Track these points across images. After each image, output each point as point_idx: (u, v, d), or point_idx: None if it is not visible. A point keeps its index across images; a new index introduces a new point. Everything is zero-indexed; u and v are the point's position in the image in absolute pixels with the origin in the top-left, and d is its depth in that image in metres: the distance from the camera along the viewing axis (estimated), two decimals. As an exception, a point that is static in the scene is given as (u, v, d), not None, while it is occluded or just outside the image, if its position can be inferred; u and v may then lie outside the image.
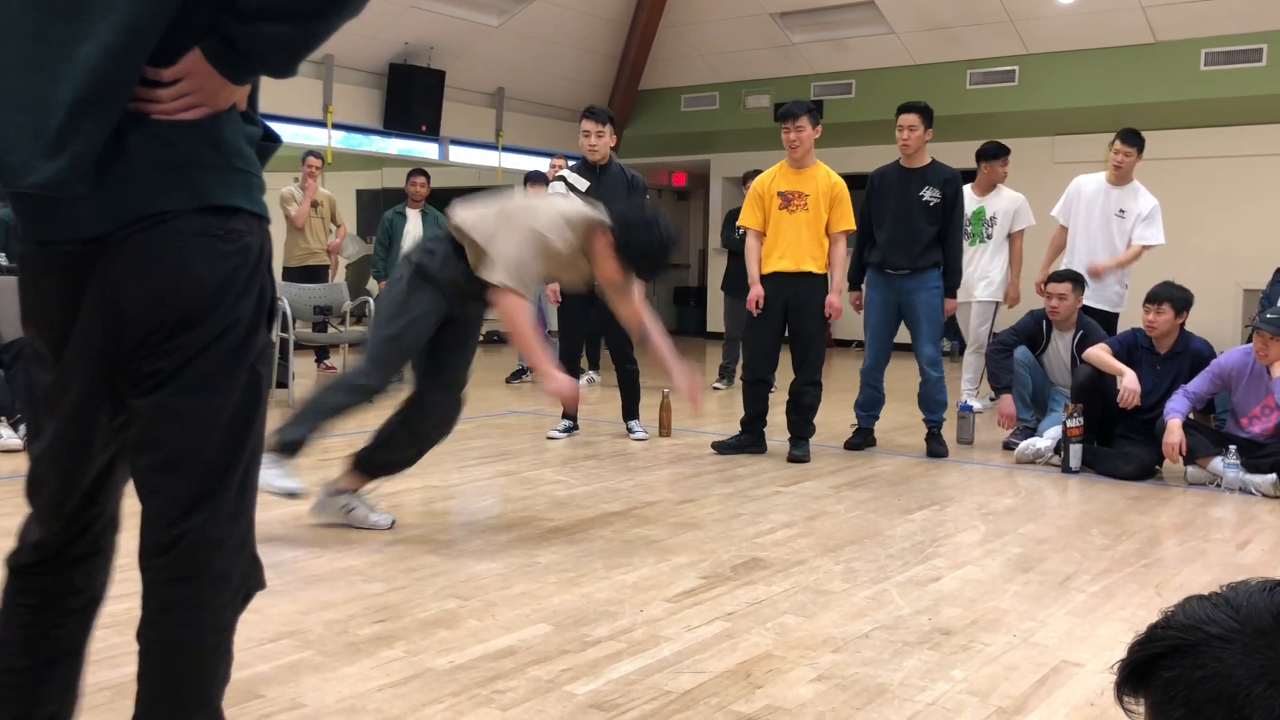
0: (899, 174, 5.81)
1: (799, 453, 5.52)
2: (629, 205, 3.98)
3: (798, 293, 5.48)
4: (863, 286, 5.96)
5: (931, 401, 5.78)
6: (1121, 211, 6.23)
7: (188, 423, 1.58)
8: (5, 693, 1.70)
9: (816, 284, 5.50)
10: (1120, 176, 6.25)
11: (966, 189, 7.13)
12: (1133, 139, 6.23)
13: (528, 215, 3.78)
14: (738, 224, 5.96)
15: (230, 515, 1.63)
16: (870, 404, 5.97)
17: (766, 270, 5.54)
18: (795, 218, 5.47)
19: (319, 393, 3.94)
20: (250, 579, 1.71)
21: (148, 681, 1.64)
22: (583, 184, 6.04)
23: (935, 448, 5.73)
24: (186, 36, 1.48)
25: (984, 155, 7.22)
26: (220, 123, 1.55)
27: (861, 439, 5.96)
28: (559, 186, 6.09)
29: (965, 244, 7.19)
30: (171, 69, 1.48)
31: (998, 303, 7.36)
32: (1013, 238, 7.28)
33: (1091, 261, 6.26)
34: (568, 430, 6.15)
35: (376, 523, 3.94)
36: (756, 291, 5.54)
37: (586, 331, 6.30)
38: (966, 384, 7.35)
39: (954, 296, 5.90)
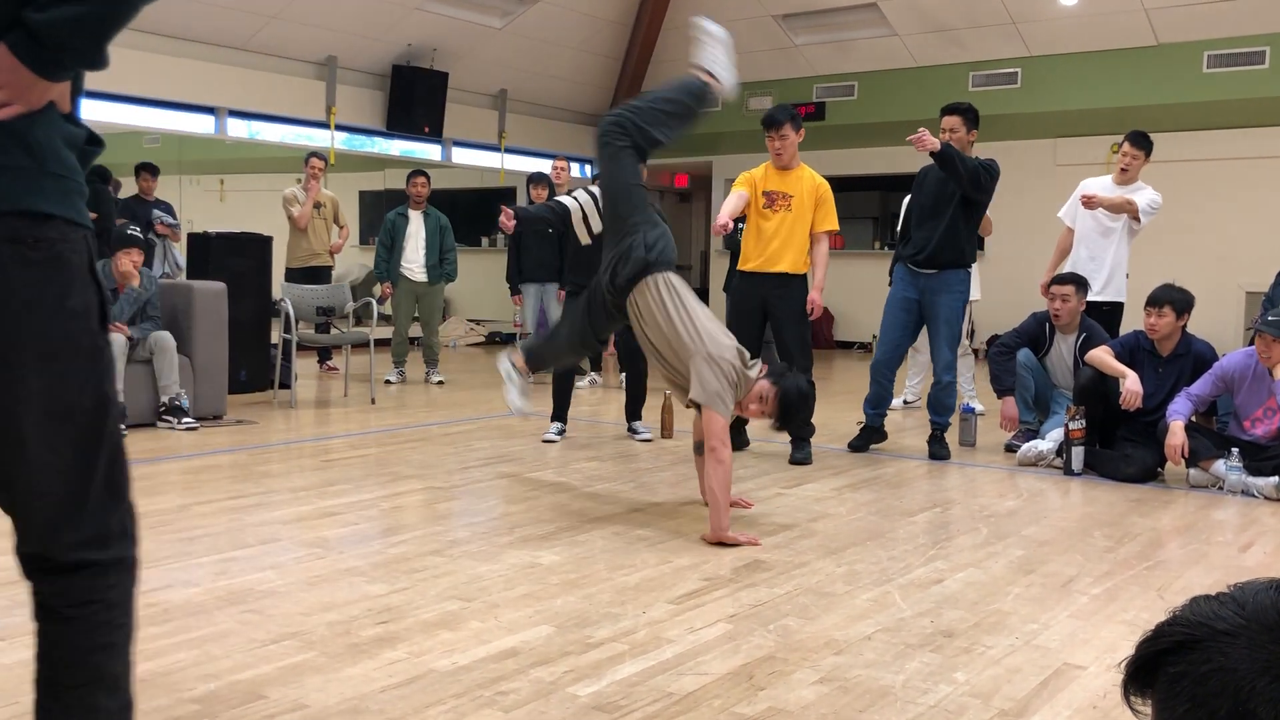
0: (939, 170, 5.73)
1: (800, 455, 5.51)
2: (799, 379, 4.19)
3: (774, 293, 5.52)
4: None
5: (940, 405, 5.77)
6: None
7: (28, 446, 1.53)
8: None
9: (794, 284, 5.52)
10: (1126, 179, 6.22)
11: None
12: (1141, 141, 6.19)
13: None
14: (734, 186, 5.93)
15: (103, 513, 1.62)
16: (879, 401, 5.93)
17: (745, 268, 5.60)
18: (776, 218, 5.52)
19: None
20: (132, 558, 1.68)
21: (45, 666, 1.63)
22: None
23: (938, 450, 5.72)
24: None
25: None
26: (32, 123, 1.47)
27: (866, 439, 5.93)
28: (584, 197, 5.91)
29: None
30: None
31: (972, 302, 7.37)
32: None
33: (1085, 196, 6.14)
34: (560, 433, 6.15)
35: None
36: (723, 220, 5.36)
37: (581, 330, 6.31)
38: (965, 384, 7.35)
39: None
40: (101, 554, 1.62)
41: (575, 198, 5.94)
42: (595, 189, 6.07)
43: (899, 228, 5.96)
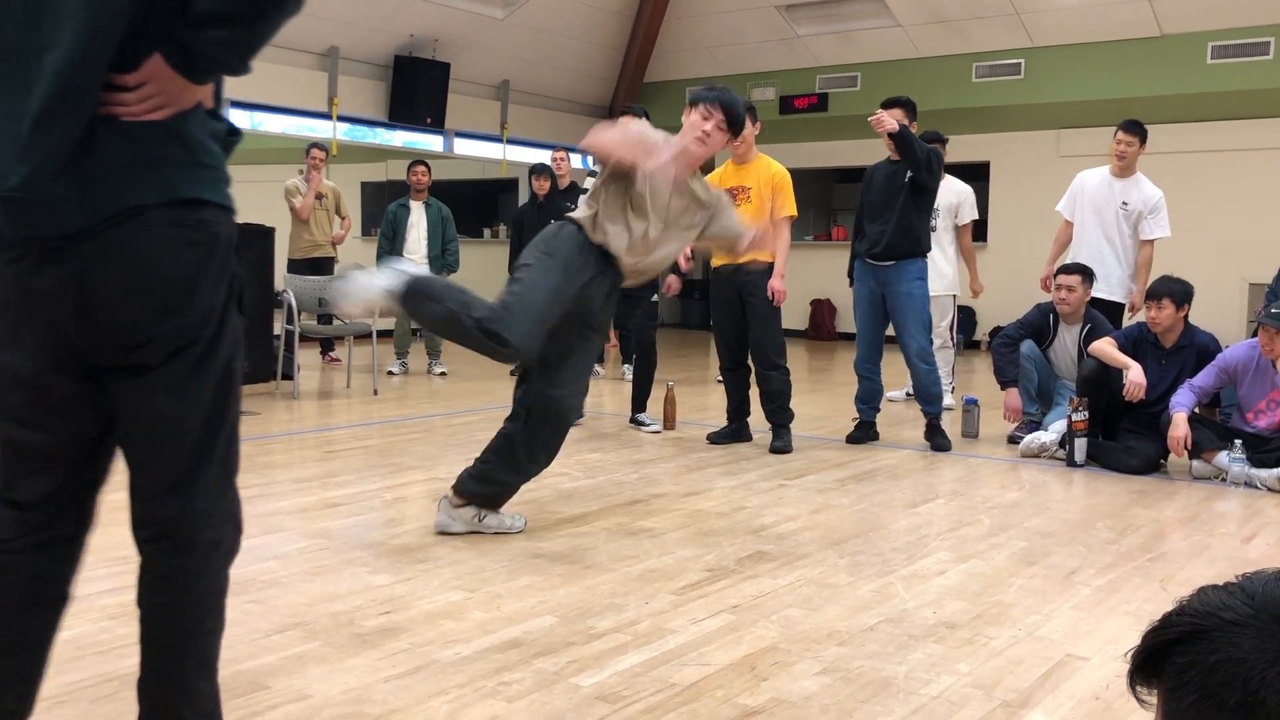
0: (886, 166, 5.89)
1: (780, 443, 5.55)
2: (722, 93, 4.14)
3: (747, 281, 5.56)
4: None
5: (926, 394, 5.79)
6: (1125, 204, 6.19)
7: (170, 408, 1.68)
8: None
9: (763, 272, 5.56)
10: (1123, 168, 6.20)
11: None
12: (1135, 129, 6.18)
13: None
14: None
15: (216, 489, 1.75)
16: (869, 396, 5.97)
17: (717, 264, 5.69)
18: (740, 210, 5.55)
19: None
20: (235, 544, 1.82)
21: (151, 645, 1.75)
22: None
23: (938, 440, 5.72)
24: (147, 43, 1.57)
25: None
26: (185, 121, 1.64)
27: (863, 432, 5.96)
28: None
29: None
30: (135, 74, 1.58)
31: (955, 295, 7.37)
32: (959, 231, 7.23)
33: (1132, 305, 6.22)
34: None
35: (510, 526, 3.82)
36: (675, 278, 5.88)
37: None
38: (942, 379, 7.35)
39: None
40: (212, 532, 1.75)
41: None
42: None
43: (854, 226, 6.06)
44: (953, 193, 7.26)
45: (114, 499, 1.83)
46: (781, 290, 5.60)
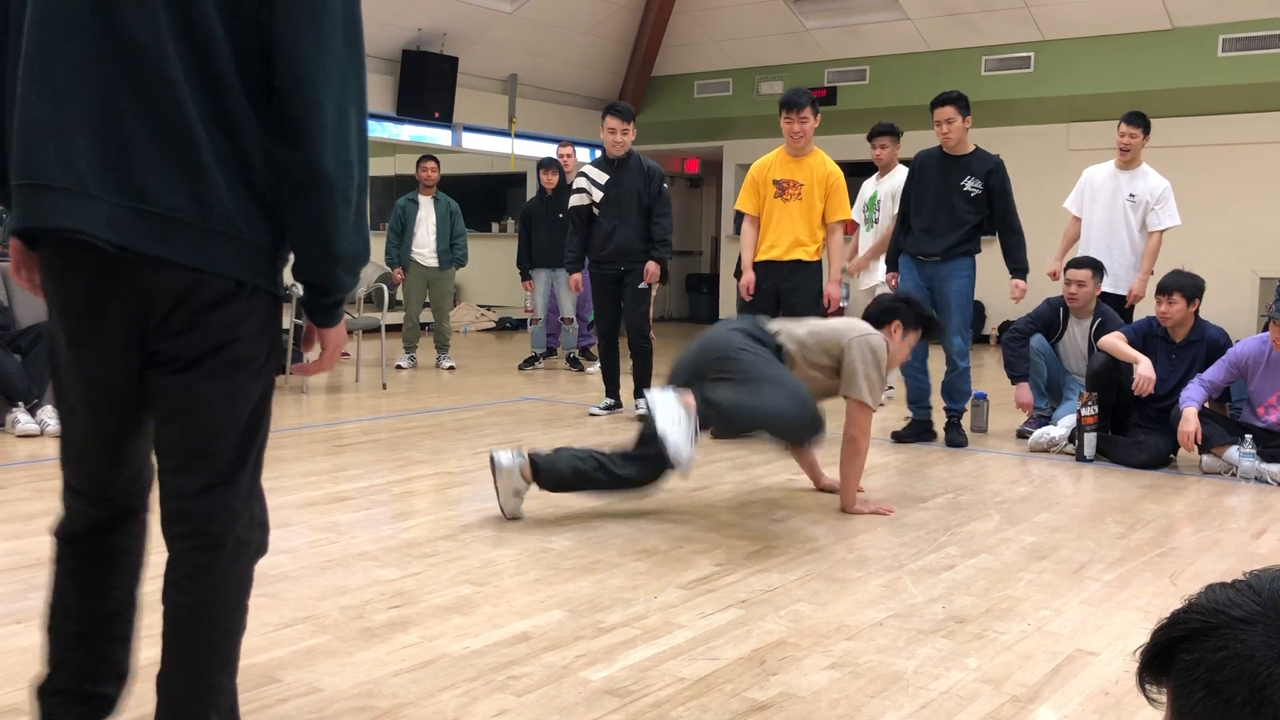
0: (939, 160, 5.74)
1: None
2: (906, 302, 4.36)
3: (788, 280, 5.52)
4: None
5: (955, 391, 5.75)
6: (1132, 196, 6.17)
7: (212, 406, 1.71)
8: (71, 652, 1.85)
9: (808, 271, 5.52)
10: (1128, 160, 6.19)
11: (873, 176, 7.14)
12: (1137, 120, 6.17)
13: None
14: (735, 207, 6.00)
15: (246, 492, 1.79)
16: (918, 396, 5.85)
17: (759, 258, 5.59)
18: (789, 206, 5.52)
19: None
20: (262, 546, 1.87)
21: (174, 641, 1.77)
22: (602, 177, 6.26)
23: (954, 437, 5.70)
24: None
25: (872, 135, 7.11)
26: None
27: (915, 433, 5.81)
28: (581, 182, 6.34)
29: (861, 230, 7.17)
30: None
31: None
32: None
33: (1131, 293, 6.20)
34: (609, 409, 6.30)
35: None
36: (748, 277, 5.66)
37: (616, 311, 6.42)
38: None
39: (1023, 279, 5.79)
40: (243, 533, 1.79)
41: (578, 189, 6.25)
42: (584, 169, 6.31)
43: (898, 216, 5.96)
44: (900, 182, 7.22)
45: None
46: (836, 296, 5.58)
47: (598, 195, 6.24)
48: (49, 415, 5.32)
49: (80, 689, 1.85)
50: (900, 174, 6.91)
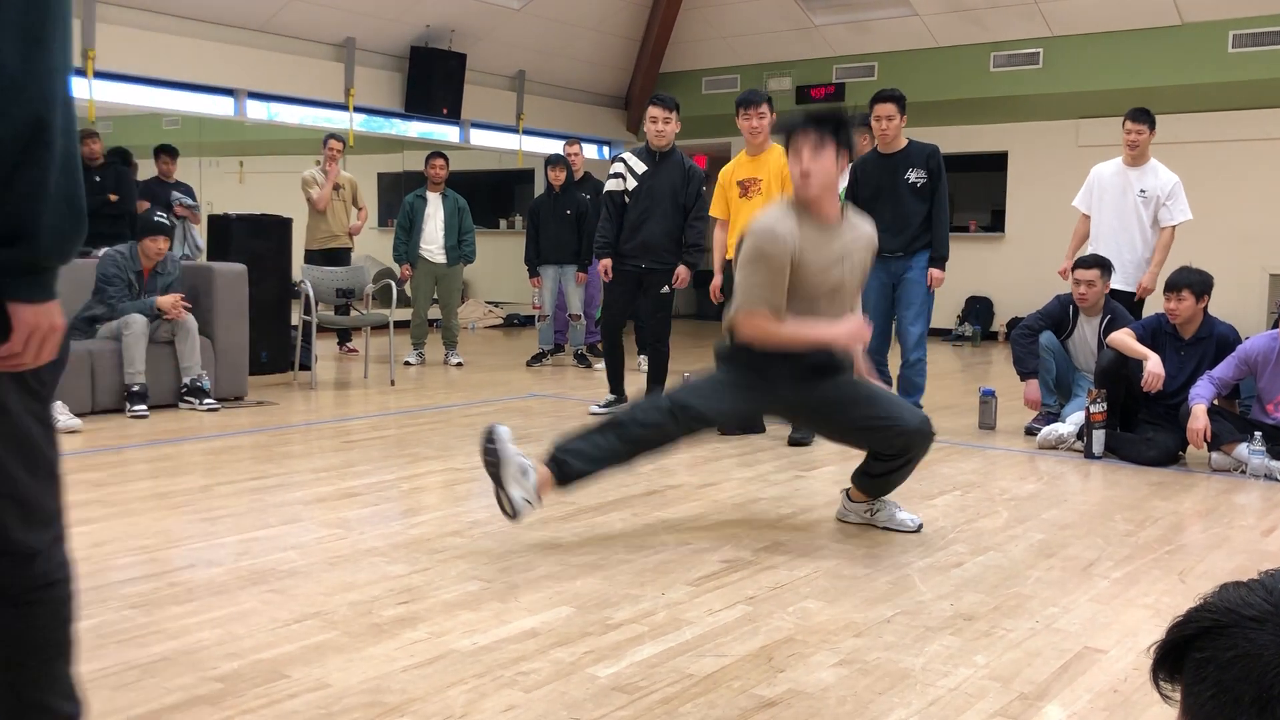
0: (879, 161, 5.92)
1: (799, 435, 5.52)
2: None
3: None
4: None
5: (910, 385, 5.83)
6: (1143, 192, 6.17)
7: None
8: None
9: None
10: (1135, 156, 6.20)
11: None
12: (1142, 116, 6.18)
13: None
14: (710, 213, 6.06)
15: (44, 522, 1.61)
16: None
17: (731, 256, 5.61)
18: (751, 204, 5.62)
19: None
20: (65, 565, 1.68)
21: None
22: (640, 167, 6.14)
23: None
24: None
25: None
26: None
27: None
28: (618, 167, 6.23)
29: None
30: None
31: None
32: None
33: (1141, 286, 6.20)
34: (609, 406, 6.26)
35: (904, 522, 3.81)
36: (717, 281, 5.70)
37: (624, 309, 6.36)
38: None
39: (941, 269, 5.94)
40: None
41: (614, 174, 6.18)
42: (625, 155, 6.24)
43: None
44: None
45: (132, 489, 1.84)
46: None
47: (632, 184, 6.11)
48: (60, 411, 5.35)
49: None
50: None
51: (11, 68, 1.42)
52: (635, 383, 6.77)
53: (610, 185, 6.24)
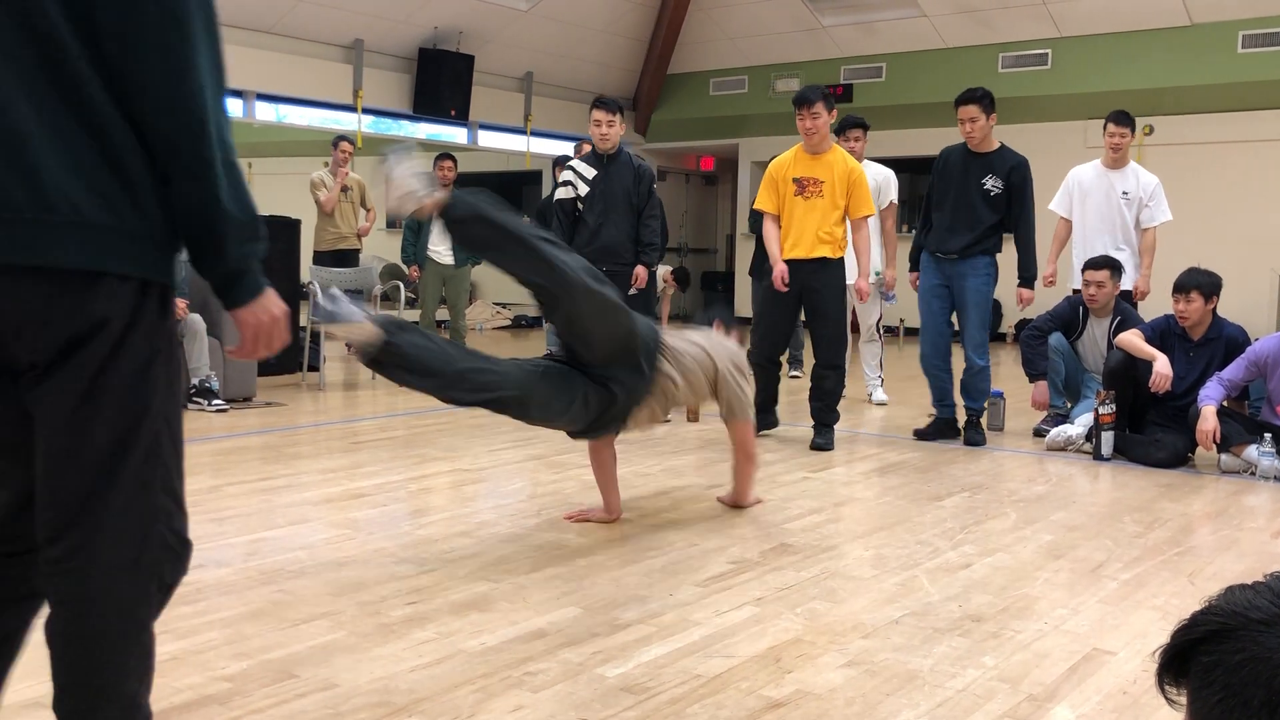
0: (963, 157, 5.72)
1: (822, 440, 5.48)
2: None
3: (813, 278, 5.45)
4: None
5: (974, 390, 5.72)
6: (1125, 194, 6.19)
7: (66, 414, 1.55)
8: None
9: (832, 269, 5.46)
10: (1118, 160, 6.22)
11: None
12: (1126, 120, 6.20)
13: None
14: (754, 206, 5.93)
15: (123, 508, 1.59)
16: (941, 394, 5.85)
17: (782, 257, 5.53)
18: (809, 204, 5.45)
19: None
20: (163, 568, 1.66)
21: (56, 677, 1.62)
22: (590, 172, 6.07)
23: (973, 435, 5.68)
24: None
25: (839, 128, 6.91)
26: None
27: (937, 431, 5.81)
28: (567, 175, 6.15)
29: None
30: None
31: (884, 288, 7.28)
32: (882, 214, 6.91)
33: (1137, 290, 6.16)
34: None
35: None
36: (780, 269, 5.47)
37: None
38: (870, 372, 7.27)
39: (1029, 288, 5.77)
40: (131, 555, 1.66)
41: (563, 181, 6.12)
42: (572, 162, 6.19)
43: (921, 214, 5.97)
44: (871, 177, 7.17)
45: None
46: (866, 289, 5.56)
47: (584, 189, 6.03)
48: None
49: None
50: (872, 169, 6.88)
51: (157, 89, 1.49)
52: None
53: (560, 194, 6.14)
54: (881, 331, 7.44)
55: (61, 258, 1.48)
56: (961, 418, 5.82)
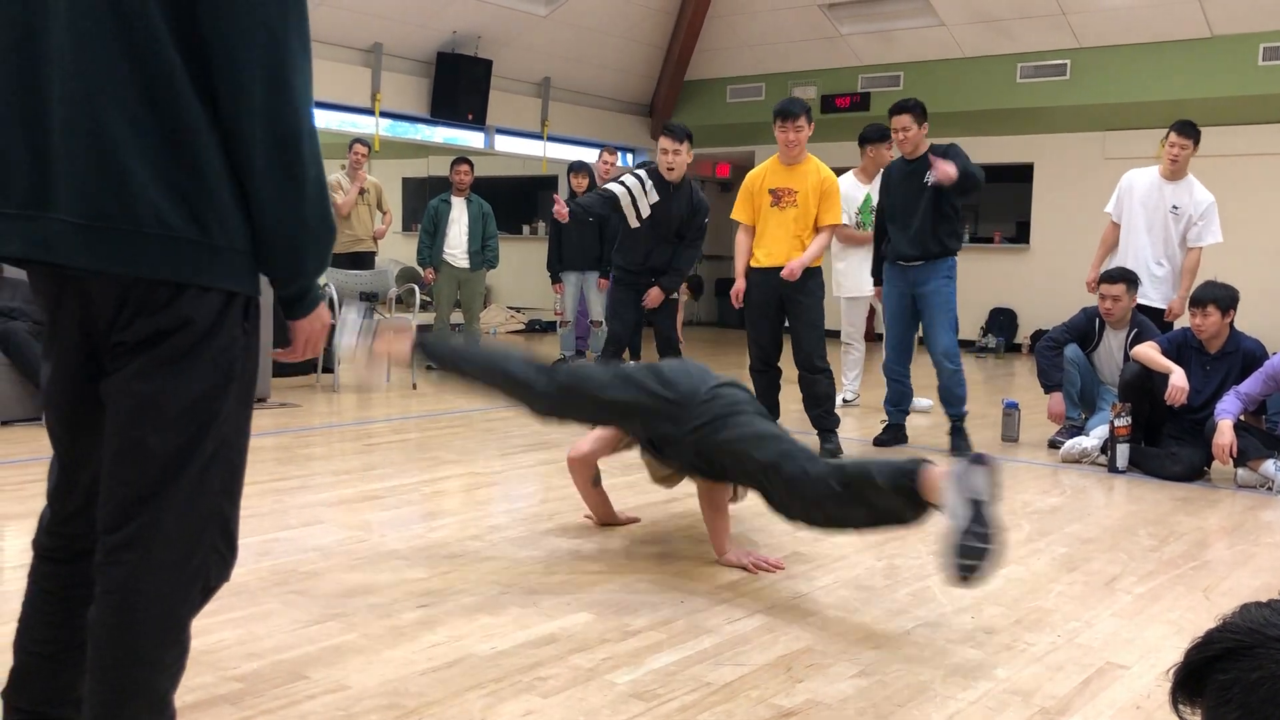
0: (901, 167, 5.82)
1: (830, 446, 5.47)
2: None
3: (789, 286, 5.48)
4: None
5: (951, 395, 5.72)
6: (1175, 208, 6.07)
7: (139, 405, 1.60)
8: (33, 673, 1.77)
9: (808, 276, 5.48)
10: (1175, 171, 6.08)
11: (849, 176, 6.99)
12: (1189, 131, 6.04)
13: None
14: (731, 216, 5.98)
15: (182, 506, 1.63)
16: (898, 399, 5.91)
17: (758, 265, 5.57)
18: (784, 214, 5.51)
19: None
20: (209, 571, 1.69)
21: (90, 666, 1.64)
22: (654, 196, 6.03)
23: (958, 443, 5.65)
24: None
25: (866, 139, 7.00)
26: None
27: (891, 435, 5.89)
28: (634, 185, 6.03)
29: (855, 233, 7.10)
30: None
31: (853, 298, 7.25)
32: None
33: (1171, 310, 6.13)
34: None
35: None
36: (739, 285, 5.61)
37: (636, 320, 6.33)
38: (849, 381, 7.27)
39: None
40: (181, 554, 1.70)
41: (623, 182, 6.07)
42: (641, 173, 6.14)
43: (876, 228, 6.09)
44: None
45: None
46: (797, 271, 5.44)
47: (645, 210, 6.03)
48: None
49: (39, 712, 1.78)
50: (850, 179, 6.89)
51: (256, 99, 1.54)
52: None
53: (615, 188, 6.05)
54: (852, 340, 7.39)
55: (148, 269, 1.55)
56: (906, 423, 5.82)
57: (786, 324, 5.61)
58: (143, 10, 1.52)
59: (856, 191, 7.08)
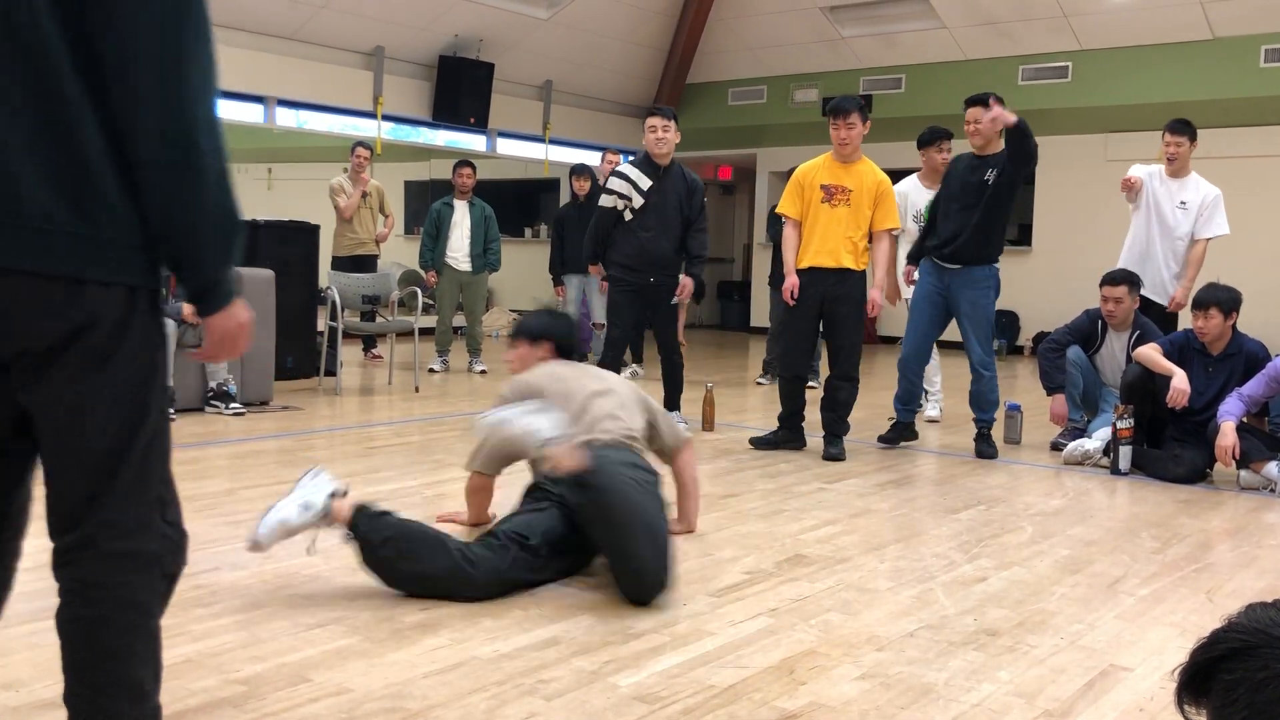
0: (968, 162, 5.70)
1: (834, 450, 5.46)
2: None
3: (835, 288, 5.42)
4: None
5: (983, 401, 5.70)
6: (1183, 203, 6.08)
7: (73, 409, 1.59)
8: None
9: (854, 280, 5.43)
10: (1176, 169, 6.10)
11: (913, 180, 6.92)
12: (1182, 128, 6.06)
13: None
14: (776, 210, 5.90)
15: (129, 500, 1.64)
16: (908, 397, 5.89)
17: (803, 264, 5.47)
18: (835, 212, 5.40)
19: None
20: (164, 557, 1.70)
21: (67, 666, 1.66)
22: (646, 182, 6.00)
23: (984, 448, 5.65)
24: None
25: (922, 143, 6.88)
26: None
27: (898, 434, 5.87)
28: (621, 185, 6.04)
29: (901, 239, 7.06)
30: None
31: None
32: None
33: (1174, 301, 6.12)
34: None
35: None
36: (792, 281, 5.47)
37: (635, 321, 6.29)
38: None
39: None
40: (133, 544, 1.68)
41: (610, 191, 6.06)
42: (622, 169, 6.13)
43: (928, 220, 5.96)
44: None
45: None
46: (879, 302, 5.53)
47: (637, 201, 5.97)
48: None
49: None
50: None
51: (151, 100, 1.51)
52: (657, 393, 6.72)
53: (606, 201, 6.06)
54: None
55: (40, 263, 1.51)
56: (965, 429, 5.80)
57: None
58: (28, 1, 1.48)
59: (920, 195, 6.86)
